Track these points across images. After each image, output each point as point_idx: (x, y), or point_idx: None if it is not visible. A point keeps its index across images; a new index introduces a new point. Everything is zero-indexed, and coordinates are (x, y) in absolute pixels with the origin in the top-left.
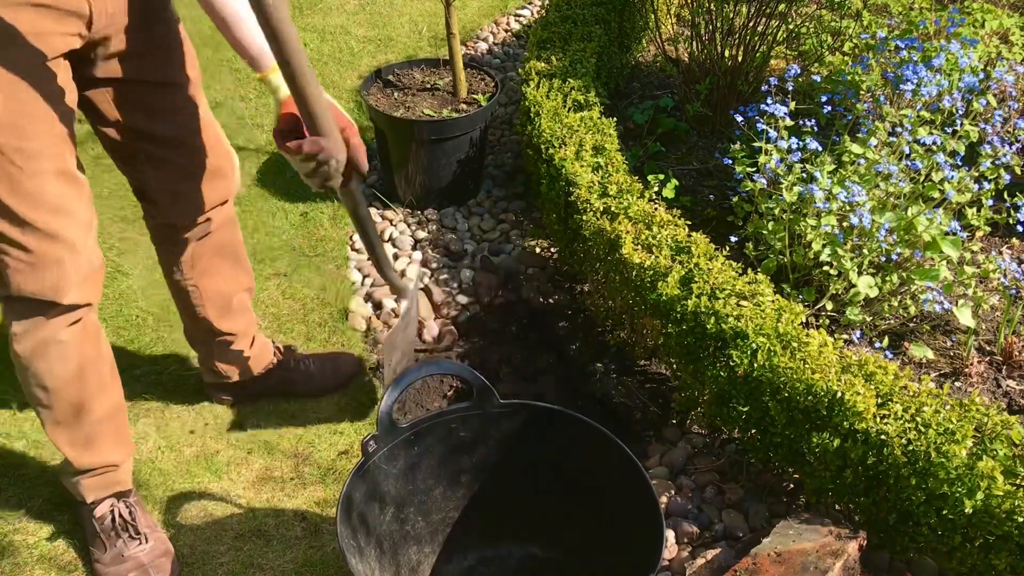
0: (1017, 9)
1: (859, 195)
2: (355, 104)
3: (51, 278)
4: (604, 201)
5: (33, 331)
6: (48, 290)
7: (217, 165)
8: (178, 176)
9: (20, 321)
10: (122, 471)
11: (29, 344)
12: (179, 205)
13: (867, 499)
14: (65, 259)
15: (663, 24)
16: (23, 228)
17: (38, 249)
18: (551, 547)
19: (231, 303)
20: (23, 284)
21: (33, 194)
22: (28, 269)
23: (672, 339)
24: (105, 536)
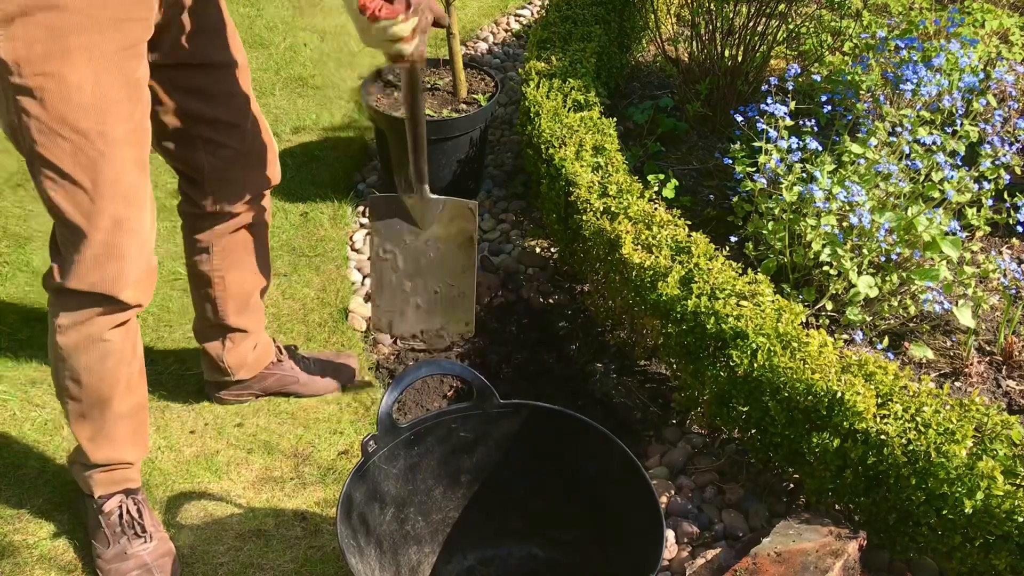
0: (1017, 9)
1: (859, 195)
2: (355, 104)
3: (112, 271)
4: (604, 201)
5: (81, 326)
6: (108, 283)
7: (266, 150)
8: (233, 161)
9: (69, 313)
10: (134, 469)
11: (74, 338)
12: (229, 191)
13: (867, 499)
14: (129, 254)
15: (663, 24)
16: (95, 215)
17: (106, 239)
18: (551, 547)
19: (250, 299)
20: (84, 275)
21: (111, 181)
22: (92, 260)
23: (672, 339)
24: (110, 532)
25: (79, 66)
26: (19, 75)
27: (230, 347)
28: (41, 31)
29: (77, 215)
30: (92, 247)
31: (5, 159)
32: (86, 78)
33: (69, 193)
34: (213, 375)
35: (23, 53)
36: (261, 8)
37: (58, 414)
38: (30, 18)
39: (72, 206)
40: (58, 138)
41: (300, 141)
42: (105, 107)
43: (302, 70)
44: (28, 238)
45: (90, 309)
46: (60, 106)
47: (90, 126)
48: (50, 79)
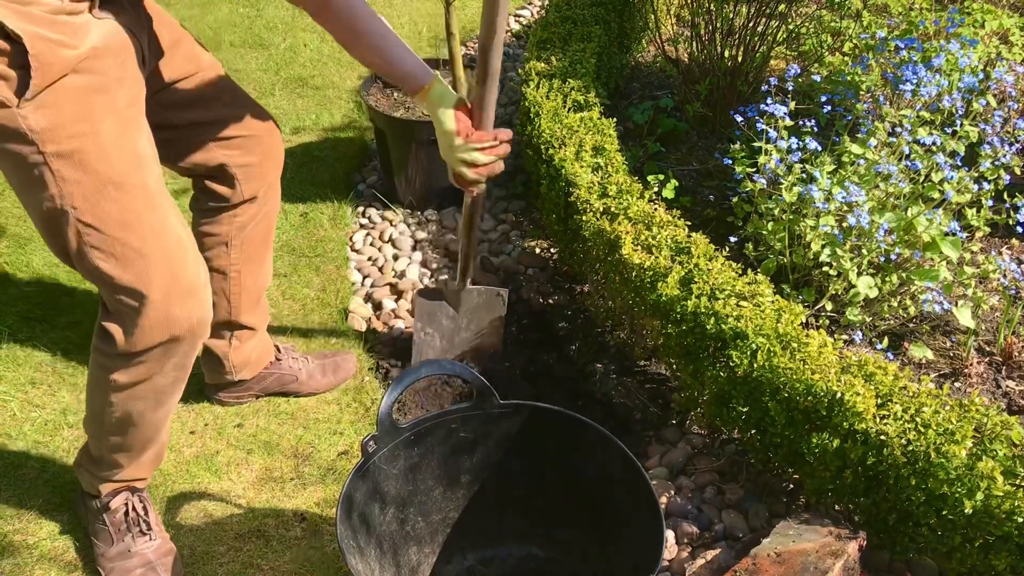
0: (1017, 9)
1: (858, 195)
2: (355, 104)
3: (179, 328)
4: (604, 201)
5: (141, 384)
6: (176, 339)
7: (269, 130)
8: (246, 147)
9: (129, 371)
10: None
11: (131, 393)
12: (253, 175)
13: (867, 499)
14: (192, 305)
15: (663, 24)
16: (151, 275)
17: (166, 299)
18: (551, 547)
19: (261, 295)
20: (151, 337)
21: (159, 234)
22: (155, 322)
23: (672, 339)
24: (114, 529)
25: (107, 123)
26: (54, 141)
27: (236, 345)
28: (68, 94)
29: (131, 278)
30: (154, 308)
31: None
32: (115, 134)
33: (119, 258)
34: (214, 377)
35: (55, 118)
36: (261, 8)
37: (58, 414)
38: (57, 85)
39: (124, 271)
40: (102, 200)
41: (300, 141)
42: (138, 160)
43: (302, 70)
44: (28, 238)
45: (153, 366)
46: (99, 166)
47: (132, 181)
48: (85, 139)
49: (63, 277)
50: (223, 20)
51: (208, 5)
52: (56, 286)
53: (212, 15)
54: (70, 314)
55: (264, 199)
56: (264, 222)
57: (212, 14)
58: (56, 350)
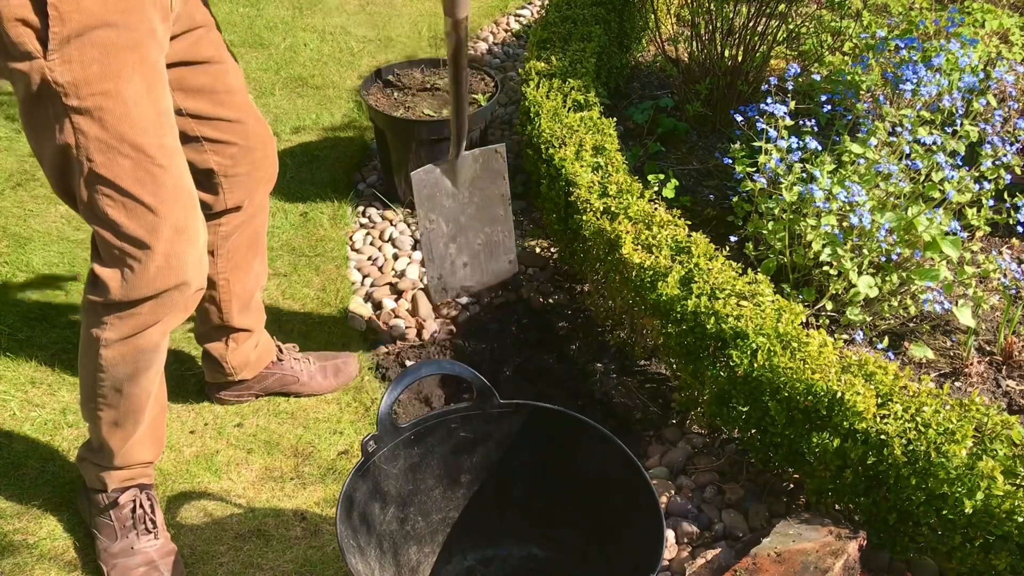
0: (1017, 9)
1: (859, 195)
2: (355, 104)
3: (176, 279)
4: (604, 201)
5: (131, 338)
6: (171, 292)
7: (266, 146)
8: (239, 157)
9: (119, 326)
10: (150, 466)
11: (120, 350)
12: (238, 188)
13: (867, 499)
14: (190, 261)
15: (663, 24)
16: (157, 228)
17: (168, 250)
18: (551, 547)
19: (252, 298)
20: (146, 286)
21: (171, 192)
22: (155, 271)
23: (672, 339)
24: (119, 526)
25: (134, 81)
26: (76, 96)
27: (233, 347)
28: (96, 50)
29: (139, 229)
30: (155, 259)
31: (5, 159)
32: (140, 93)
33: (130, 210)
34: (215, 376)
35: (80, 74)
36: (261, 8)
37: (58, 414)
38: (85, 38)
39: (133, 221)
40: (118, 156)
41: (300, 141)
42: (159, 119)
43: (302, 70)
44: (28, 238)
45: (144, 320)
46: (119, 124)
47: (149, 140)
48: (108, 98)
49: (63, 277)
50: (223, 20)
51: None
52: (56, 286)
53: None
54: (70, 314)
55: (249, 210)
56: (249, 231)
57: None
58: (56, 350)
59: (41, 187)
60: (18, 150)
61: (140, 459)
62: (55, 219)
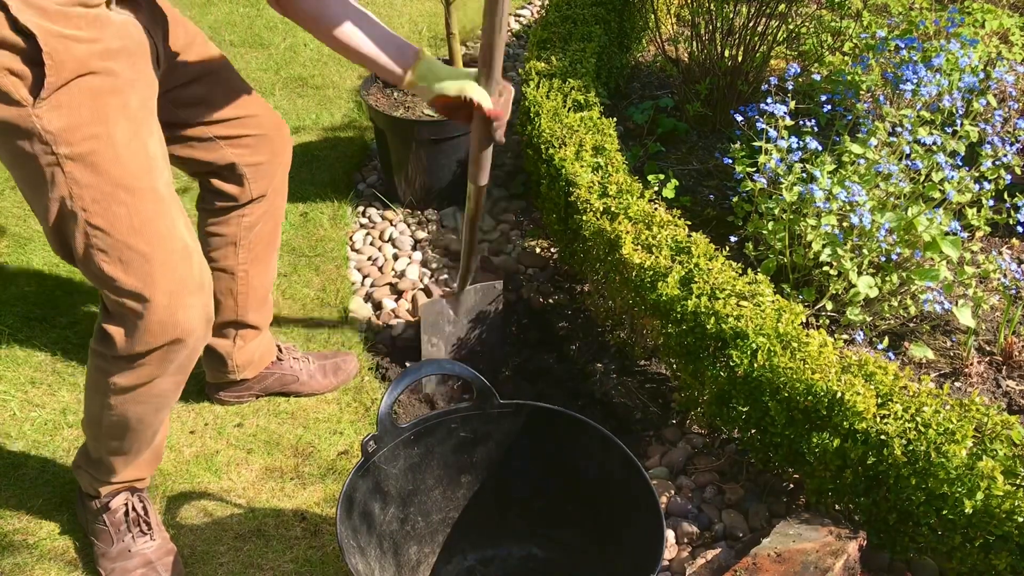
0: (1017, 9)
1: (859, 195)
2: (355, 104)
3: (182, 331)
4: (604, 201)
5: (141, 387)
6: (178, 344)
7: (278, 130)
8: (255, 146)
9: (128, 374)
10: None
11: (131, 396)
12: (261, 177)
13: (867, 499)
14: (194, 310)
15: (663, 24)
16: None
17: (170, 303)
18: (551, 547)
19: (267, 294)
20: (152, 340)
21: (166, 239)
22: (158, 325)
23: (672, 339)
24: (114, 529)
25: (121, 125)
26: (68, 143)
27: (240, 345)
28: (84, 96)
29: (135, 282)
30: (156, 312)
31: None
32: (129, 136)
33: (125, 262)
34: (216, 376)
35: (70, 120)
36: (261, 8)
37: (58, 414)
38: (73, 84)
39: (129, 275)
40: (112, 203)
41: (300, 141)
42: (150, 163)
43: (302, 70)
44: (28, 238)
45: (152, 370)
46: (112, 168)
47: (143, 185)
48: (99, 140)
49: (63, 277)
50: (223, 20)
51: (208, 5)
52: (56, 286)
53: (212, 15)
54: (70, 314)
55: (271, 198)
56: (271, 221)
57: (212, 14)
58: (56, 350)
59: None
60: None
61: (137, 476)
62: None
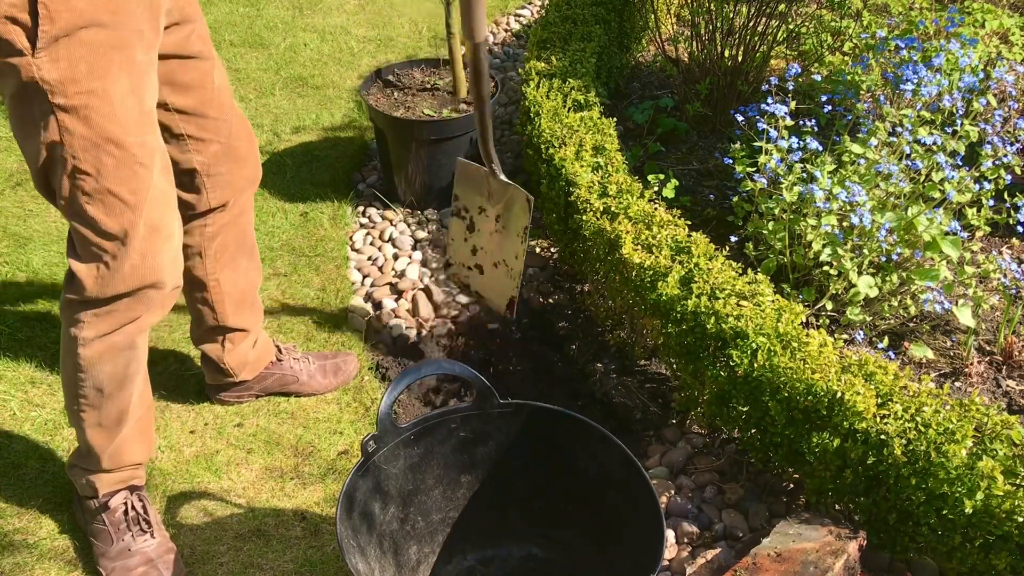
0: (1017, 9)
1: (859, 195)
2: (355, 104)
3: (150, 277)
4: (604, 201)
5: (109, 336)
6: (146, 289)
7: (248, 145)
8: (221, 156)
9: (96, 323)
10: (140, 467)
11: (99, 348)
12: (221, 186)
13: (867, 499)
14: (165, 259)
15: (663, 24)
16: (134, 225)
17: (143, 248)
18: (551, 547)
19: (246, 297)
20: (121, 283)
21: (148, 189)
22: (130, 269)
23: (672, 339)
24: (114, 529)
25: (120, 80)
26: (63, 95)
27: (230, 348)
28: (84, 49)
29: (116, 226)
30: (131, 256)
31: (5, 159)
32: (126, 92)
33: (108, 206)
34: (215, 378)
35: (68, 73)
36: (261, 8)
37: (58, 414)
38: (73, 37)
39: (111, 218)
40: (102, 153)
41: (300, 141)
42: (143, 118)
43: (302, 70)
44: (28, 238)
45: (120, 317)
46: (104, 123)
47: (132, 139)
48: (94, 96)
49: (63, 277)
50: (223, 20)
51: (208, 5)
52: (56, 286)
53: (212, 15)
54: None
55: (234, 211)
56: (235, 230)
57: (212, 14)
58: (56, 350)
59: None
60: (18, 150)
61: (129, 461)
62: (55, 219)
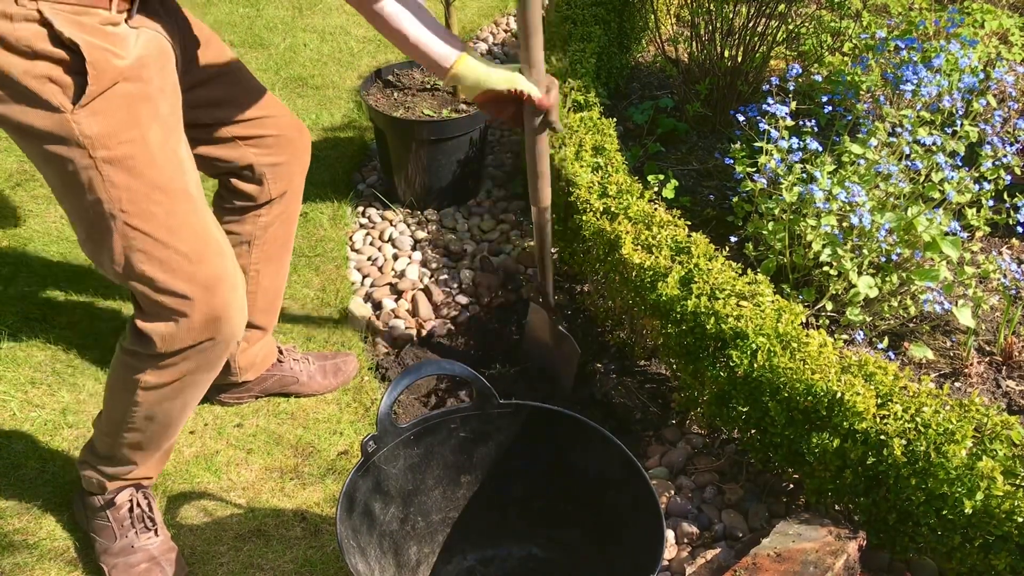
0: (1017, 9)
1: (859, 195)
2: (355, 104)
3: (226, 329)
4: (604, 201)
5: (174, 384)
6: (219, 342)
7: (298, 130)
8: (275, 146)
9: (163, 372)
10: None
11: (162, 392)
12: (280, 178)
13: (867, 499)
14: (234, 307)
15: (663, 24)
16: (196, 276)
17: (211, 300)
18: (551, 547)
19: (275, 296)
20: (195, 338)
21: (202, 237)
22: (201, 323)
23: (672, 339)
24: (118, 525)
25: (153, 130)
26: (106, 147)
27: (244, 347)
28: (120, 101)
29: (177, 282)
30: (199, 308)
31: (5, 159)
32: (161, 140)
33: (164, 261)
34: (219, 378)
35: (108, 125)
36: (261, 8)
37: (58, 414)
38: (110, 92)
39: (169, 274)
40: (150, 204)
41: None
42: (180, 165)
43: (302, 70)
44: (28, 238)
45: (187, 367)
46: (148, 171)
47: (176, 186)
48: (135, 145)
49: (63, 277)
50: (223, 20)
51: (208, 5)
52: (56, 286)
53: (212, 15)
54: (70, 314)
55: (288, 199)
56: (287, 223)
57: (212, 14)
58: (56, 350)
59: (41, 187)
60: (18, 150)
61: (148, 474)
62: (55, 219)
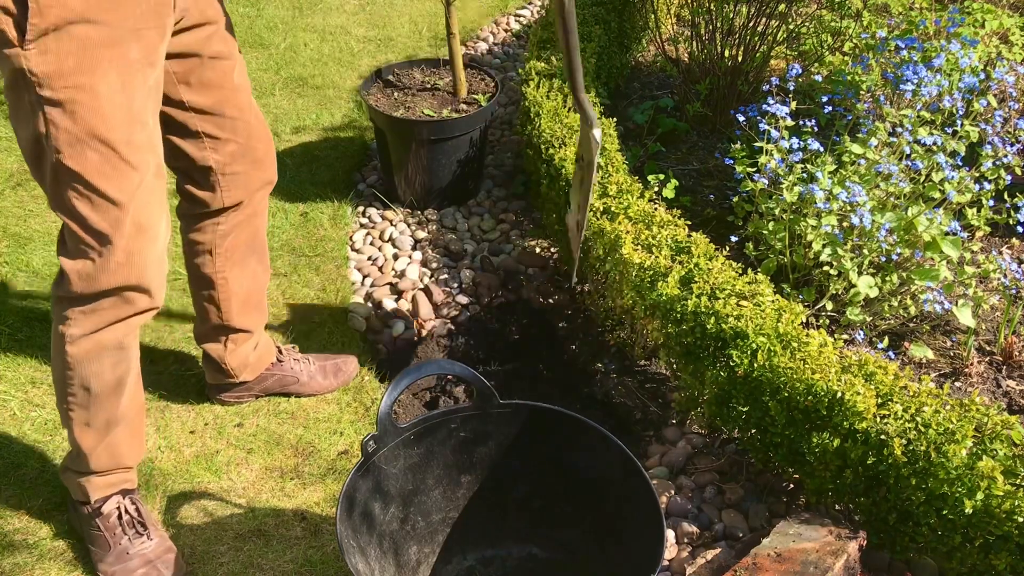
0: (1017, 9)
1: (859, 195)
2: (355, 104)
3: (135, 276)
4: (604, 201)
5: (95, 334)
6: (132, 288)
7: (266, 147)
8: (237, 156)
9: (83, 321)
10: (132, 471)
11: (85, 346)
12: (235, 186)
13: (867, 499)
14: (151, 259)
15: (663, 24)
16: (120, 223)
17: (129, 246)
18: (551, 547)
19: (252, 298)
20: (106, 280)
21: (136, 189)
22: (115, 266)
23: (672, 339)
24: (110, 534)
25: (109, 77)
26: (50, 88)
27: (232, 348)
28: (74, 44)
29: (103, 223)
30: (116, 254)
31: (5, 159)
32: (114, 89)
33: (95, 203)
34: (216, 378)
35: (55, 67)
36: (261, 8)
37: (58, 414)
38: (63, 31)
39: (98, 215)
40: (86, 149)
41: (300, 141)
42: (131, 116)
43: (302, 70)
44: (28, 238)
45: (106, 315)
46: (90, 118)
47: (118, 136)
48: (82, 91)
49: None
50: None
51: None
52: None
53: None
54: None
55: (248, 211)
56: (248, 230)
57: None
58: None
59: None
60: (18, 151)
61: (118, 463)
62: (55, 219)
